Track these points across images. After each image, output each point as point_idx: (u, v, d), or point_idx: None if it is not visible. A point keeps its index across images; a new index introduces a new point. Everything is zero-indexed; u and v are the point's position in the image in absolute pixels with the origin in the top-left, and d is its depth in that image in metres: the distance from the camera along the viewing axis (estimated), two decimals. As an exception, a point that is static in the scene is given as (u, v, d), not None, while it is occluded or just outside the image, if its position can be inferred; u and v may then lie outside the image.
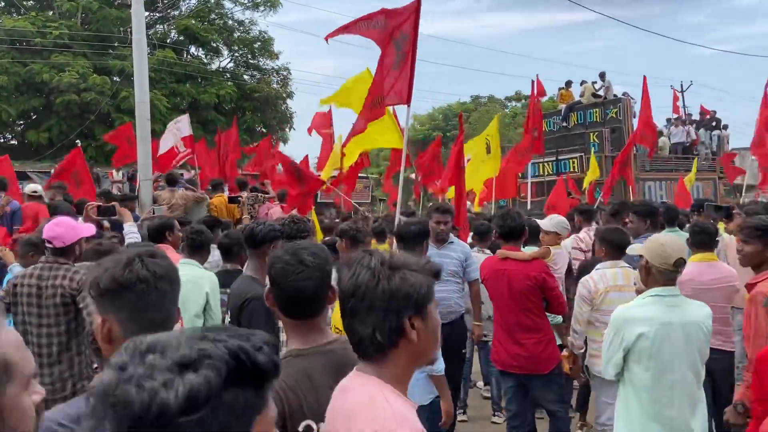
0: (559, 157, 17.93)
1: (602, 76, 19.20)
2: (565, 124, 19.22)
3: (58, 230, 3.75)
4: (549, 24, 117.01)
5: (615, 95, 18.89)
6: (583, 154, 17.37)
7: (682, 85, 26.11)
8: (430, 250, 4.61)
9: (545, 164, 18.08)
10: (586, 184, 14.02)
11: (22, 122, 25.79)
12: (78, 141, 13.26)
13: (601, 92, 18.89)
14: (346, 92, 8.52)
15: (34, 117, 25.41)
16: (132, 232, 4.93)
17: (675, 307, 3.06)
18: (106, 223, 7.59)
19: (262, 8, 28.90)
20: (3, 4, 25.89)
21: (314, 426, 1.83)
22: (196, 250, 4.28)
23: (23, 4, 26.40)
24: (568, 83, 19.85)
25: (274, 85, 29.52)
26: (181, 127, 11.85)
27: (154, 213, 8.85)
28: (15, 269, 4.74)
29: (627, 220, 5.90)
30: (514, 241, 4.57)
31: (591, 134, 18.03)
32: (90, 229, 4.06)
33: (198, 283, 4.03)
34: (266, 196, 10.21)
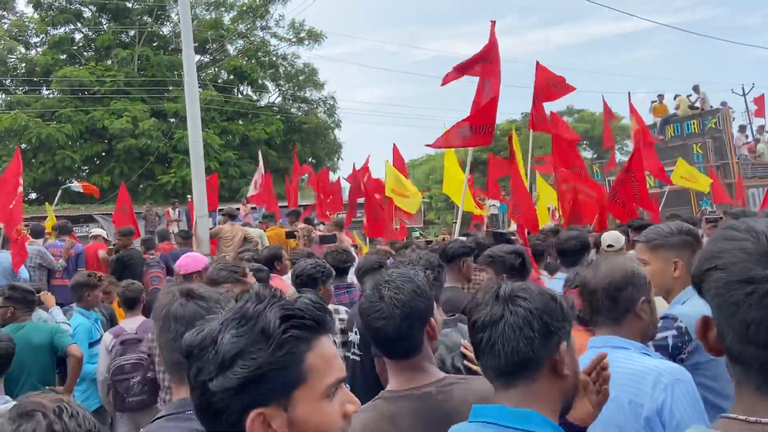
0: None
1: (696, 88, 19.38)
2: (661, 137, 19.18)
3: (185, 261, 4.42)
4: (597, 36, 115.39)
5: (711, 106, 19.08)
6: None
7: (743, 89, 25.05)
8: None
9: (647, 177, 17.97)
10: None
11: (86, 167, 27.00)
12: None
13: (697, 104, 19.07)
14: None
15: (97, 162, 26.58)
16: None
17: None
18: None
19: (306, 42, 29.60)
20: (65, 56, 27.33)
21: None
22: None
23: (83, 55, 27.83)
24: (661, 96, 20.09)
25: (321, 115, 30.04)
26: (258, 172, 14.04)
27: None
28: (54, 312, 4.86)
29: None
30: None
31: (694, 146, 17.99)
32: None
33: None
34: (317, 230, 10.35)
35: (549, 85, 8.23)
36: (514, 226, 11.25)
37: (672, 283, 2.59)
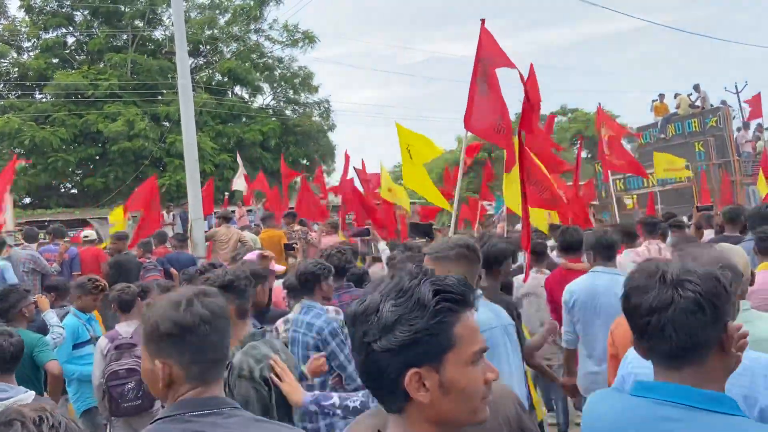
0: None
1: (696, 88, 19.70)
2: (662, 136, 19.59)
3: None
4: (591, 36, 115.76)
5: (711, 104, 19.43)
6: (689, 163, 17.37)
7: (736, 86, 25.11)
8: None
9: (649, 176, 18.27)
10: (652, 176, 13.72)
11: (80, 171, 26.91)
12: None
13: (698, 103, 19.44)
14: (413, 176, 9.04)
15: (91, 166, 26.48)
16: (385, 249, 5.74)
17: (745, 323, 2.78)
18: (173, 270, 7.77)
19: (301, 45, 29.56)
20: (57, 60, 27.23)
21: None
22: None
23: (76, 59, 27.73)
24: (661, 96, 20.40)
25: (316, 118, 29.98)
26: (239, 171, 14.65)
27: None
28: (48, 316, 4.84)
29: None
30: (573, 253, 4.74)
31: (696, 143, 18.37)
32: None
33: None
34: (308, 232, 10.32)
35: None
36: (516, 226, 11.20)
37: None
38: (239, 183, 14.92)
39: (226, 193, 19.03)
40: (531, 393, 3.89)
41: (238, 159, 15.85)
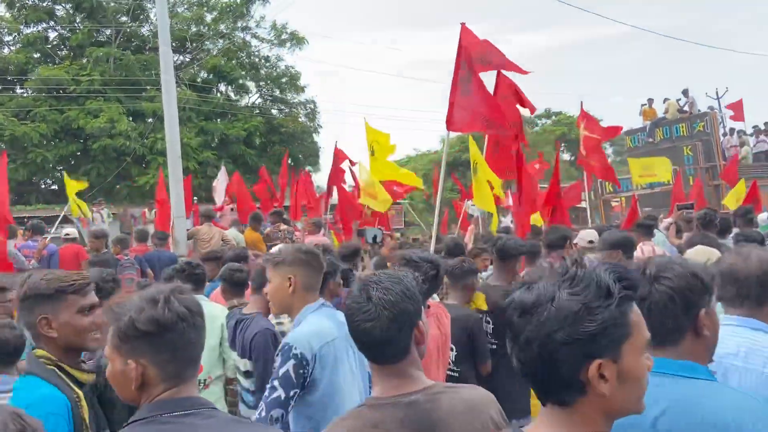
0: None
1: (685, 92, 20.01)
2: (651, 140, 19.95)
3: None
4: (577, 40, 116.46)
5: (699, 110, 19.83)
6: (677, 167, 17.45)
7: (717, 92, 25.33)
8: None
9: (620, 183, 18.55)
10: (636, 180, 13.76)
11: (61, 167, 26.56)
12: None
13: (686, 108, 19.77)
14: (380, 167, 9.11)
15: (72, 162, 26.13)
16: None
17: None
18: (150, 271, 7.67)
19: (288, 45, 29.43)
20: (38, 54, 26.86)
21: None
22: (200, 284, 4.30)
23: (57, 54, 27.37)
24: (650, 100, 20.77)
25: (302, 119, 29.84)
26: (220, 178, 14.28)
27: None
28: None
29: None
30: (561, 251, 4.76)
31: (685, 148, 18.81)
32: None
33: (212, 316, 3.99)
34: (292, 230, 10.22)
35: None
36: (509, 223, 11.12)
37: (290, 299, 2.66)
38: (219, 191, 14.48)
39: (195, 198, 18.49)
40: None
41: (222, 169, 15.36)
